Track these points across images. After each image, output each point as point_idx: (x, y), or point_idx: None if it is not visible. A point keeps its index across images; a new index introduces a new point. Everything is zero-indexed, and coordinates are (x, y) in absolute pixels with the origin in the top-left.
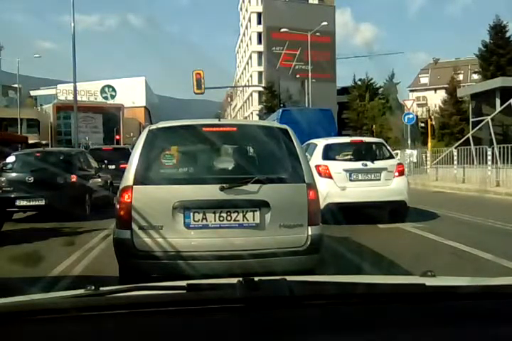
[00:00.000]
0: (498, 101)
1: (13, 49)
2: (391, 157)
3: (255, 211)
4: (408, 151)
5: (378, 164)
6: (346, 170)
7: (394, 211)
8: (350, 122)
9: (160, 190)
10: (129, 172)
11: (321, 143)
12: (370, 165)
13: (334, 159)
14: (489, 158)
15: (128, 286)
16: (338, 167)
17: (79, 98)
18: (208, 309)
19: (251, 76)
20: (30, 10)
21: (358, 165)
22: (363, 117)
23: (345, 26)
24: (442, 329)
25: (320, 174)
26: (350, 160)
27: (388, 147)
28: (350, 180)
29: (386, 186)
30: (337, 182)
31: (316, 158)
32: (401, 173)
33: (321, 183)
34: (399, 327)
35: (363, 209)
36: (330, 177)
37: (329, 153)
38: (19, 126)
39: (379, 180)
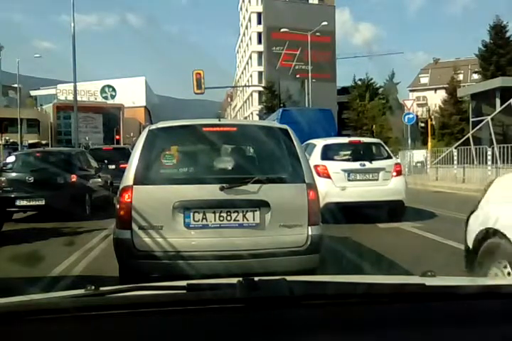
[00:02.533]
0: (498, 101)
1: (13, 49)
2: (389, 157)
3: (255, 211)
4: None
5: (376, 164)
6: (344, 170)
7: (391, 210)
8: (350, 122)
9: (160, 190)
10: (129, 172)
11: (319, 143)
12: (368, 165)
13: (333, 159)
14: (489, 157)
15: (128, 286)
16: (336, 167)
17: (79, 98)
18: (208, 309)
19: (251, 76)
20: (30, 10)
21: (356, 165)
22: (363, 117)
23: (345, 26)
24: (442, 329)
25: (318, 174)
26: (348, 160)
27: (386, 147)
28: (349, 180)
29: (384, 186)
30: (335, 182)
31: (315, 158)
32: (399, 173)
33: (320, 183)
34: (399, 327)
35: (361, 208)
36: (328, 177)
37: (328, 153)
38: (19, 126)
39: (377, 179)
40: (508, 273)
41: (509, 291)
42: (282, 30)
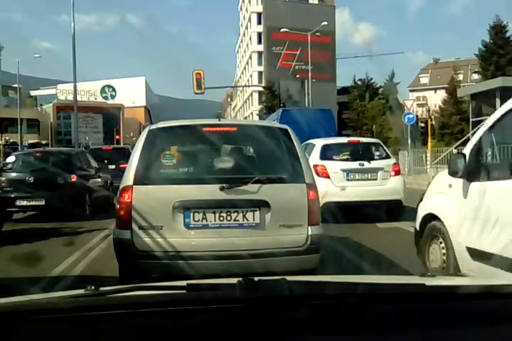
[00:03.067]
0: (498, 101)
1: (13, 49)
2: (387, 157)
3: (255, 211)
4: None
5: (375, 164)
6: (343, 170)
7: (390, 210)
8: (350, 122)
9: (160, 190)
10: (129, 172)
11: (318, 143)
12: (366, 164)
13: (332, 159)
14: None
15: (128, 286)
16: (335, 167)
17: (79, 98)
18: (208, 309)
19: (251, 76)
20: (29, 10)
21: (355, 165)
22: (363, 117)
23: (345, 26)
24: (442, 329)
25: (318, 174)
26: (347, 160)
27: (385, 147)
28: (348, 180)
29: (382, 185)
30: (334, 182)
31: (314, 158)
32: (397, 173)
33: (319, 183)
34: (399, 327)
35: (360, 208)
36: (327, 176)
37: (327, 153)
38: (19, 126)
39: (375, 179)
40: (443, 248)
41: (509, 291)
42: (282, 30)
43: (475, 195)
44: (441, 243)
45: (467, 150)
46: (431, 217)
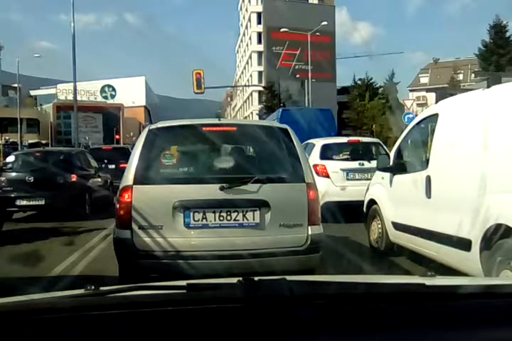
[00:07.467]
0: None
1: (13, 49)
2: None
3: (255, 211)
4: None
5: (375, 163)
6: (343, 170)
7: None
8: (350, 122)
9: (160, 190)
10: (129, 172)
11: (318, 143)
12: (366, 164)
13: (331, 159)
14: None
15: (128, 286)
16: (335, 166)
17: (79, 98)
18: (208, 309)
19: (251, 76)
20: (29, 10)
21: (354, 164)
22: (362, 117)
23: (345, 26)
24: (442, 329)
25: (317, 173)
26: (347, 159)
27: (385, 147)
28: (348, 179)
29: None
30: (334, 182)
31: (314, 158)
32: None
33: (319, 182)
34: (399, 327)
35: (360, 207)
36: (327, 176)
37: (326, 152)
38: (19, 126)
39: None
40: (379, 223)
41: (509, 291)
42: (282, 30)
43: (395, 184)
44: (378, 220)
45: (393, 151)
46: (372, 202)
